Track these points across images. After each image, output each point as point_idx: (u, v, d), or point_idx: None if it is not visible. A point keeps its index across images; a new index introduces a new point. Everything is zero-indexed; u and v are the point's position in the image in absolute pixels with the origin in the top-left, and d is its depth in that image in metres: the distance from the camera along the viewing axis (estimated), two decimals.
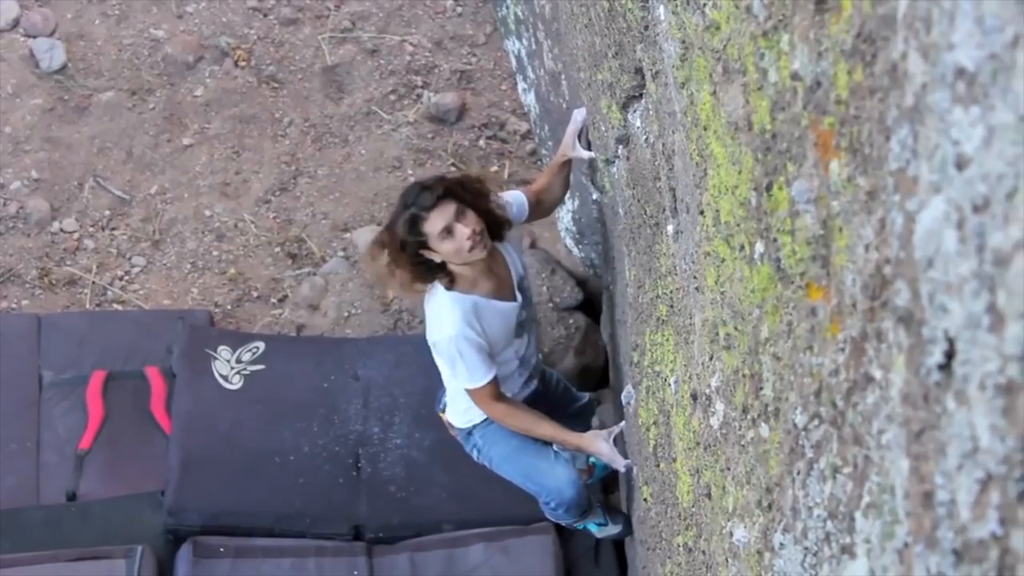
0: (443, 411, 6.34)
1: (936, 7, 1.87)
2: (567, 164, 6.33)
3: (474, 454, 6.26)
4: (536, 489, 6.25)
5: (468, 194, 5.55)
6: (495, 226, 5.69)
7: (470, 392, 5.76)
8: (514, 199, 6.03)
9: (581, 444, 5.89)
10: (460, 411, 6.13)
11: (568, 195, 7.41)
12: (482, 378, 5.65)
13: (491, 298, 5.71)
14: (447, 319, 5.60)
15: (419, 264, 5.57)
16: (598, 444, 5.82)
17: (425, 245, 5.48)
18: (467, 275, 5.64)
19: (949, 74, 1.83)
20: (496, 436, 6.09)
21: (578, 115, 6.17)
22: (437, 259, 5.54)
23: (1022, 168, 1.64)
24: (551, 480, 6.16)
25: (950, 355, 1.88)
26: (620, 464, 5.79)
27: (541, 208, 6.26)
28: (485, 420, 6.06)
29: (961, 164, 1.81)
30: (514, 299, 5.84)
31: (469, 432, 6.19)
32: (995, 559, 1.76)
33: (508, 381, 5.97)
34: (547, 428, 5.87)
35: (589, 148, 6.15)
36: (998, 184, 1.70)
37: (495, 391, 5.75)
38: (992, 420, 1.75)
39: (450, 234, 5.41)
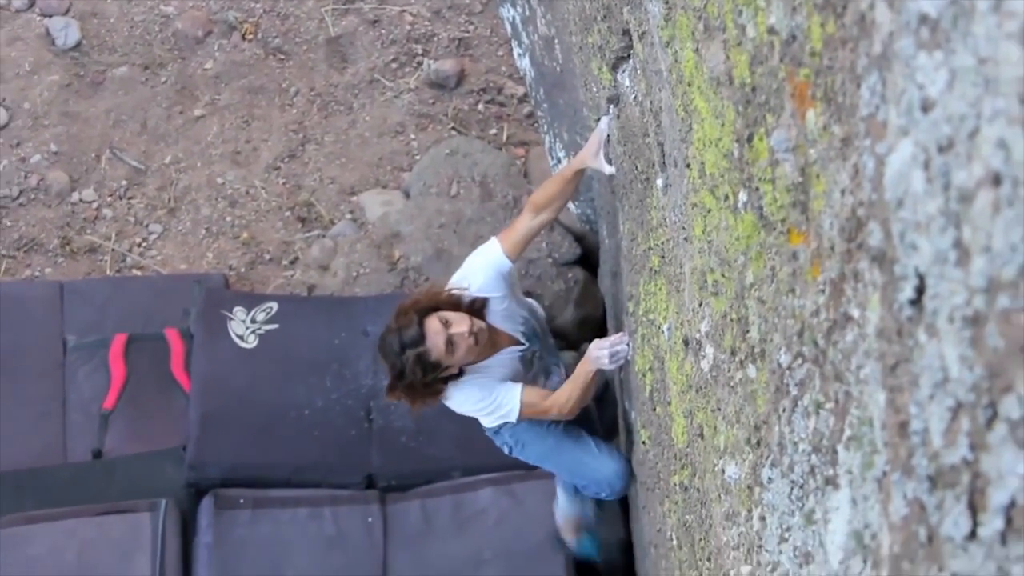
0: None
1: None
2: (580, 172, 5.79)
3: (505, 450, 6.15)
4: (584, 483, 6.18)
5: (432, 303, 5.49)
6: (476, 310, 5.63)
7: (527, 412, 5.70)
8: (486, 257, 5.72)
9: (588, 367, 5.65)
10: (485, 414, 5.95)
11: (564, 156, 7.40)
12: (517, 401, 5.65)
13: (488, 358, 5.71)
14: (467, 401, 5.69)
15: (442, 384, 5.56)
16: (594, 354, 5.60)
17: (442, 368, 5.44)
18: (473, 361, 5.61)
19: (914, 21, 1.83)
20: (528, 437, 5.99)
21: (604, 124, 5.57)
22: (455, 371, 5.53)
23: (983, 108, 1.65)
24: (600, 474, 6.05)
25: (920, 290, 1.89)
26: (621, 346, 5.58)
27: (549, 213, 5.76)
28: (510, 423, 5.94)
29: (926, 107, 1.81)
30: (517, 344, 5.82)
31: (497, 431, 6.03)
32: (967, 483, 1.77)
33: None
34: (584, 384, 5.69)
35: (610, 163, 5.57)
36: (961, 124, 1.71)
37: (538, 393, 5.71)
38: (961, 351, 1.76)
39: (453, 345, 5.35)
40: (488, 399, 5.66)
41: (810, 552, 2.69)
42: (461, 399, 5.68)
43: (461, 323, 5.38)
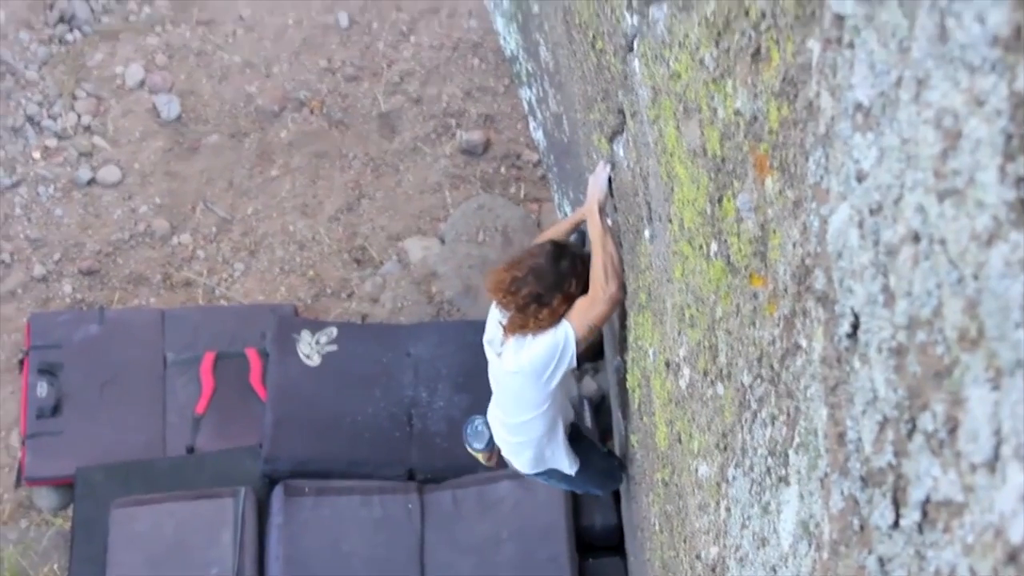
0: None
1: (840, 56, 1.88)
2: (577, 224, 5.48)
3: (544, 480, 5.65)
4: (591, 491, 6.03)
5: None
6: None
7: (584, 329, 4.82)
8: None
9: (587, 214, 5.08)
10: (529, 459, 5.35)
11: (570, 210, 7.39)
12: (568, 328, 4.81)
13: None
14: (552, 341, 4.80)
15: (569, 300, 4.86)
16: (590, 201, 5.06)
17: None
18: None
19: (850, 108, 1.84)
20: (564, 483, 5.63)
21: (598, 180, 5.09)
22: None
23: (905, 179, 1.65)
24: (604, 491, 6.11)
25: (856, 326, 1.89)
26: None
27: None
28: (551, 468, 5.43)
29: (860, 178, 1.82)
30: None
31: (542, 474, 5.49)
32: (891, 482, 1.77)
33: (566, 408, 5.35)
34: (603, 246, 4.92)
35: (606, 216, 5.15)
36: (888, 192, 1.71)
37: (578, 305, 4.87)
38: (887, 375, 1.76)
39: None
40: (555, 340, 4.75)
41: (766, 537, 2.68)
42: (543, 339, 4.78)
43: None
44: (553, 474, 5.49)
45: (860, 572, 1.91)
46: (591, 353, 7.73)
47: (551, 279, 4.85)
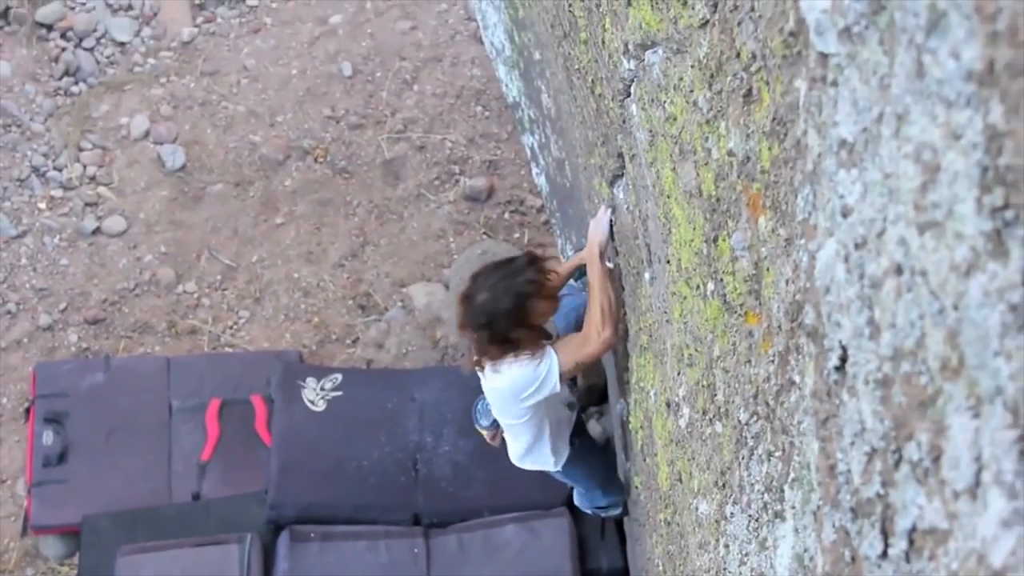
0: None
1: (824, 95, 1.91)
2: (575, 268, 5.49)
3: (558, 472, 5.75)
4: (593, 493, 6.10)
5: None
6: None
7: (570, 367, 4.96)
8: None
9: (587, 258, 5.07)
10: (517, 454, 5.55)
11: (573, 255, 7.43)
12: (553, 361, 4.90)
13: None
14: (525, 369, 4.91)
15: (530, 331, 4.92)
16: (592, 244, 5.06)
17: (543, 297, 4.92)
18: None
19: (835, 145, 1.87)
20: (572, 476, 5.81)
21: (600, 224, 5.12)
22: (547, 316, 5.01)
23: (888, 213, 1.68)
24: (609, 497, 6.08)
25: (844, 359, 1.91)
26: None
27: None
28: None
29: (846, 213, 1.85)
30: None
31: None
32: (879, 512, 1.79)
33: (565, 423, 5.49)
34: (602, 289, 4.94)
35: (608, 260, 5.15)
36: (871, 227, 1.74)
37: (568, 342, 5.02)
38: (874, 407, 1.78)
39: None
40: (538, 369, 4.87)
41: (763, 573, 2.70)
42: (524, 365, 4.89)
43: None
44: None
45: None
46: (596, 397, 7.75)
47: (486, 306, 4.86)
